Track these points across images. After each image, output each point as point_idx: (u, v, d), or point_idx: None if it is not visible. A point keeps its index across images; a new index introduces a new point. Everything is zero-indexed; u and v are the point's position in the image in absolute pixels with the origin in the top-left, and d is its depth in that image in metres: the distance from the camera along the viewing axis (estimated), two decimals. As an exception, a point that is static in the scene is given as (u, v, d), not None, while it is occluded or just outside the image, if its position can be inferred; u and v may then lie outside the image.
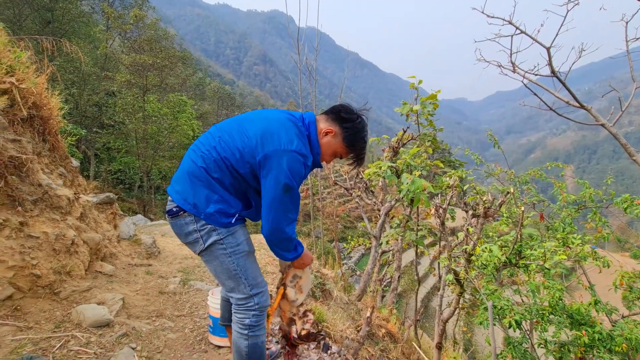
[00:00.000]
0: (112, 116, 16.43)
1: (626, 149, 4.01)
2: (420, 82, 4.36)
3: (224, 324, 1.65)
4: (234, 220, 1.36)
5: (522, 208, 2.72)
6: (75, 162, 3.37)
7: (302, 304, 1.56)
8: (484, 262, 2.90)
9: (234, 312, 1.39)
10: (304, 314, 1.53)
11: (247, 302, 1.37)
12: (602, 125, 4.08)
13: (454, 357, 5.25)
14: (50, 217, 2.31)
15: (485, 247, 2.68)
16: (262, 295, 1.40)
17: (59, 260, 2.18)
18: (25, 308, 1.91)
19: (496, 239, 3.46)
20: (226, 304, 1.64)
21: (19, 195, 2.17)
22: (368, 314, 2.93)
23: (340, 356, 2.05)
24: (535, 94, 3.77)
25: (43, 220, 2.25)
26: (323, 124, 1.46)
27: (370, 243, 8.77)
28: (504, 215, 3.86)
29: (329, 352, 2.11)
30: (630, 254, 3.96)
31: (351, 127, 1.43)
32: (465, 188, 3.79)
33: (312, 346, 2.11)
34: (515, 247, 2.87)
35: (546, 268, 2.73)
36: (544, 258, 2.68)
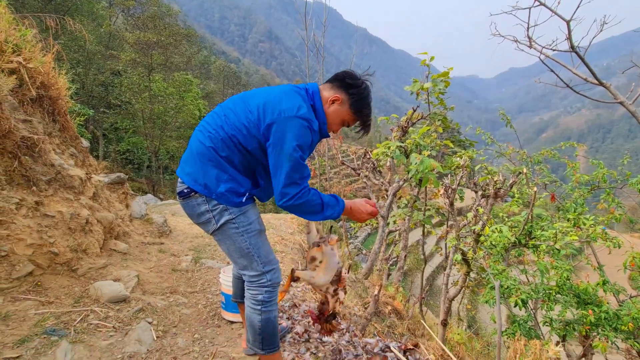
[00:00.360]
0: (118, 96, 16.41)
1: None
2: (432, 58, 4.22)
3: (236, 301, 1.70)
4: (244, 199, 1.37)
5: (535, 189, 2.67)
6: (85, 143, 3.40)
7: (333, 283, 1.55)
8: (493, 243, 2.90)
9: (247, 289, 1.42)
10: (335, 292, 1.54)
11: (260, 279, 1.40)
12: (621, 103, 3.93)
13: (458, 333, 5.37)
14: (64, 196, 2.35)
15: (496, 228, 2.67)
16: (274, 272, 1.42)
17: (75, 238, 2.24)
18: (46, 284, 1.98)
19: (506, 219, 3.44)
20: (238, 282, 1.68)
21: (33, 176, 2.20)
22: (376, 292, 2.98)
23: (349, 332, 2.11)
24: (552, 70, 3.62)
25: (57, 200, 2.29)
26: (328, 92, 1.44)
27: (376, 223, 8.83)
28: (515, 195, 3.81)
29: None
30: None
31: (357, 92, 1.42)
32: (477, 168, 3.73)
33: (321, 322, 2.17)
34: (526, 227, 2.85)
35: (556, 249, 2.71)
36: (554, 239, 2.67)
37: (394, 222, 7.27)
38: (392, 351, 1.81)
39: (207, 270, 2.84)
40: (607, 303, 3.44)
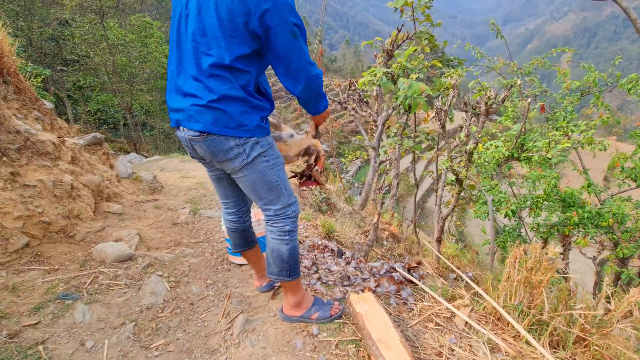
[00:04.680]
0: (73, 50, 14.84)
1: (635, 24, 3.70)
2: (415, -34, 3.81)
3: (237, 251, 1.69)
4: (265, 122, 1.32)
5: (529, 101, 2.61)
6: (48, 104, 3.11)
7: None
8: (486, 160, 2.92)
9: (271, 223, 1.42)
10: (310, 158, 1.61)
11: (286, 210, 1.41)
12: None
13: (450, 248, 5.80)
14: (41, 164, 2.21)
15: (491, 144, 2.67)
16: (296, 204, 1.45)
17: (64, 205, 2.16)
18: (46, 253, 1.95)
19: (499, 135, 3.44)
20: (234, 234, 1.65)
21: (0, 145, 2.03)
22: (375, 220, 3.07)
23: (354, 259, 2.20)
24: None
25: (34, 169, 2.15)
26: None
27: (366, 155, 8.86)
28: (509, 109, 3.77)
29: (343, 257, 2.25)
30: (628, 134, 4.02)
31: None
32: (470, 85, 3.60)
33: (327, 254, 2.25)
34: (519, 140, 2.85)
35: (548, 158, 2.76)
36: (547, 148, 2.69)
37: (385, 152, 7.28)
38: (397, 271, 1.91)
39: (207, 220, 2.85)
40: (590, 204, 3.65)
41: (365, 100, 5.96)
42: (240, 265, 2.09)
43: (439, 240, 4.59)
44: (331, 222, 3.07)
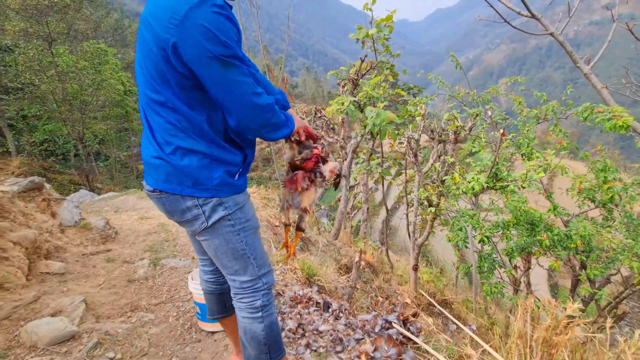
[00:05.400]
0: (16, 77, 13.68)
1: (571, 56, 4.04)
2: (374, 1, 3.97)
3: (214, 318, 1.42)
4: (237, 177, 1.10)
5: (501, 131, 2.64)
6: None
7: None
8: (464, 190, 2.90)
9: (239, 298, 1.19)
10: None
11: (255, 283, 1.18)
12: (551, 34, 4.02)
13: (425, 273, 5.77)
14: (-44, 223, 1.80)
15: (473, 177, 2.65)
16: (269, 274, 1.22)
17: (-15, 274, 1.75)
18: (-44, 340, 1.53)
19: (473, 164, 3.48)
20: (211, 297, 1.39)
21: None
22: (356, 259, 2.89)
23: (342, 312, 1.98)
24: (490, 5, 3.58)
25: (-54, 230, 1.74)
26: None
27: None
28: (482, 139, 3.87)
29: (330, 309, 2.02)
30: (579, 157, 4.30)
31: None
32: (445, 117, 3.66)
33: (312, 308, 2.01)
34: (493, 170, 2.87)
35: (523, 186, 2.79)
36: (524, 178, 2.72)
37: (354, 178, 7.26)
38: (393, 327, 1.71)
39: (170, 273, 2.49)
40: (557, 227, 3.78)
41: (332, 126, 5.99)
42: (213, 332, 1.78)
43: (415, 268, 4.51)
44: (310, 263, 2.84)
